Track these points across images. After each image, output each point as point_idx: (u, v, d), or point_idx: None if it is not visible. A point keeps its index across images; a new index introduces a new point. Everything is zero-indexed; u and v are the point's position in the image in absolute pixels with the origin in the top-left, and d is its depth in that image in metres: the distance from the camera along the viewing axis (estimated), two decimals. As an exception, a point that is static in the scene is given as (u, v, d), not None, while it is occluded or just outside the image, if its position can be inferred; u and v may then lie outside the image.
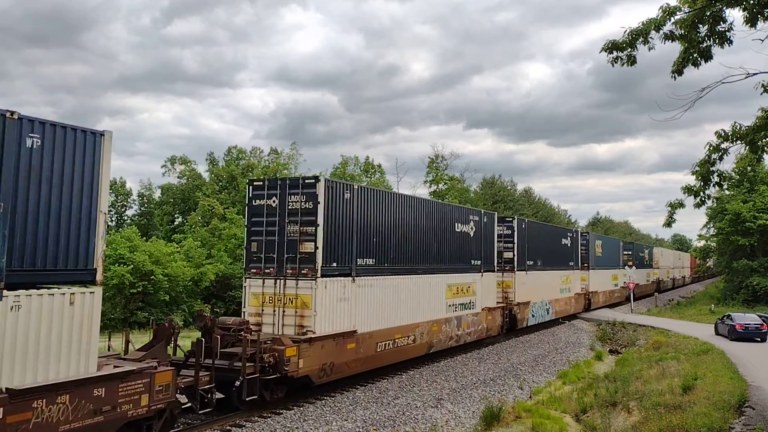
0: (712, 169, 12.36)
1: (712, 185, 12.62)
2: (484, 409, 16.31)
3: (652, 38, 11.23)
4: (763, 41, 11.13)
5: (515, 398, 19.09)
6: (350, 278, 17.57)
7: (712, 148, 12.25)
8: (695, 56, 11.52)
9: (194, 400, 13.31)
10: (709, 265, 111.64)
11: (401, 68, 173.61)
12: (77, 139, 10.69)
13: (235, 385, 14.14)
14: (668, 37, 11.32)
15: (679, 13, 11.05)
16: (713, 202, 16.18)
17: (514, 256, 31.50)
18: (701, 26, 11.16)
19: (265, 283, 16.78)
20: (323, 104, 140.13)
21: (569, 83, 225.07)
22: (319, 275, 16.17)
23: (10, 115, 9.55)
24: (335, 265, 16.95)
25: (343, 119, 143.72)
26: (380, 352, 19.00)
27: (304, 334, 15.96)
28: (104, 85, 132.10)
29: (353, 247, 17.70)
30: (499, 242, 29.63)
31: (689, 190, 12.63)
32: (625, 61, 11.50)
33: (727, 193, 53.99)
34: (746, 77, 11.38)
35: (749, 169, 50.65)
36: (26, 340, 9.52)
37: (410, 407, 16.66)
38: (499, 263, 29.53)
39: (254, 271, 17.04)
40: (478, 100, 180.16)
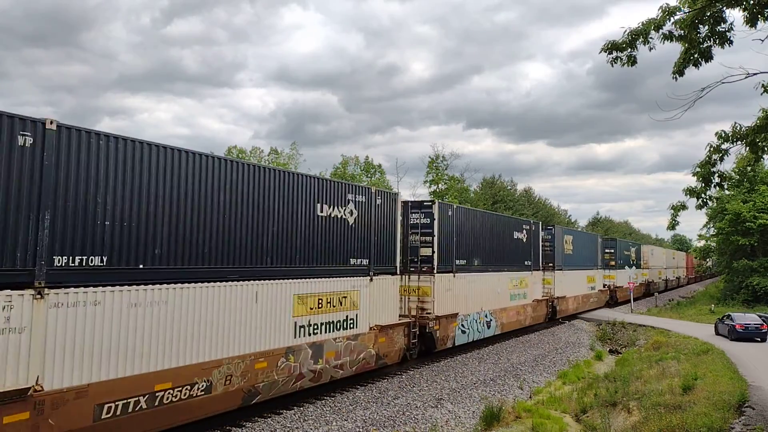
0: (712, 170, 12.37)
1: (713, 186, 12.63)
2: (484, 409, 16.31)
3: (652, 38, 11.25)
4: (763, 41, 11.14)
5: (515, 398, 19.09)
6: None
7: (712, 149, 12.27)
8: (696, 56, 11.53)
9: None
10: (708, 265, 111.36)
11: (401, 68, 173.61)
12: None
13: None
14: (668, 37, 11.33)
15: (679, 13, 11.07)
16: (714, 202, 16.18)
17: (434, 253, 22.95)
18: (701, 26, 11.17)
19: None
20: (323, 104, 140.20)
21: (569, 83, 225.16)
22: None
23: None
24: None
25: (342, 119, 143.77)
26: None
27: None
28: (104, 85, 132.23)
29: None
30: (414, 234, 23.02)
31: (691, 191, 12.64)
32: (625, 61, 11.51)
33: (727, 193, 54.00)
34: (746, 77, 11.40)
35: (749, 169, 50.65)
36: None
37: (410, 407, 16.66)
38: (414, 263, 22.96)
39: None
40: (477, 100, 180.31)
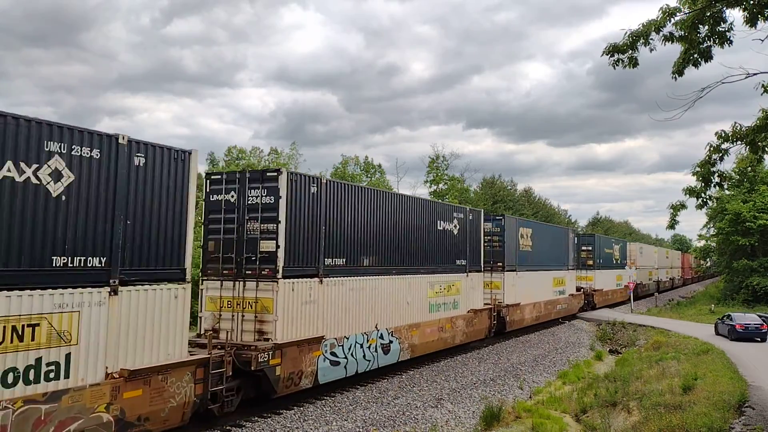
0: (712, 169, 12.38)
1: (713, 186, 12.63)
2: (484, 409, 16.32)
3: (652, 40, 11.26)
4: (763, 41, 11.15)
5: (515, 398, 19.10)
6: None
7: (712, 148, 12.27)
8: (695, 57, 11.55)
9: None
10: (707, 266, 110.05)
11: (401, 68, 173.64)
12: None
13: None
14: (668, 38, 11.35)
15: (679, 14, 11.08)
16: (714, 202, 16.19)
17: (278, 248, 15.39)
18: (701, 26, 11.18)
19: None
20: (323, 104, 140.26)
21: (569, 83, 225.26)
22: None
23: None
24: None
25: (342, 119, 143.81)
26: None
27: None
28: (104, 84, 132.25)
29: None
30: (251, 221, 15.82)
31: (691, 191, 12.65)
32: (626, 63, 11.53)
33: (727, 193, 54.00)
34: (746, 77, 11.40)
35: (749, 169, 50.67)
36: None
37: (410, 407, 16.67)
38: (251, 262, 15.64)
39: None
40: (477, 100, 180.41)
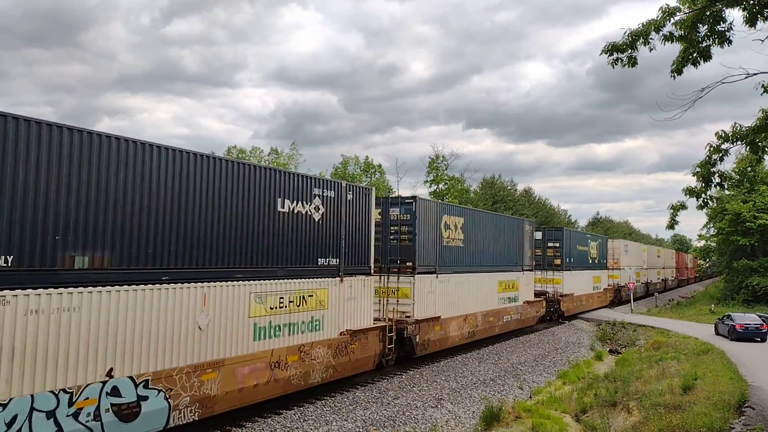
0: (712, 169, 12.38)
1: (713, 186, 12.64)
2: (484, 409, 16.31)
3: (652, 39, 11.26)
4: (763, 41, 11.15)
5: (515, 398, 19.09)
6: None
7: (712, 148, 12.28)
8: (695, 56, 11.55)
9: None
10: (706, 266, 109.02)
11: (401, 68, 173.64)
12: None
13: None
14: (668, 38, 11.35)
15: (679, 13, 11.08)
16: (714, 203, 16.21)
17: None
18: (701, 26, 11.19)
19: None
20: (323, 104, 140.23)
21: (569, 83, 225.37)
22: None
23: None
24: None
25: (342, 119, 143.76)
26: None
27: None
28: (103, 84, 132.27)
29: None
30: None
31: (691, 191, 12.65)
32: (626, 62, 11.53)
33: (727, 193, 53.97)
34: (746, 77, 11.41)
35: (749, 169, 50.67)
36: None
37: (410, 407, 16.66)
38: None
39: None
40: (477, 100, 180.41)
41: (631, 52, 11.43)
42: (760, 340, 30.06)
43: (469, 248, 25.71)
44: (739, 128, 11.93)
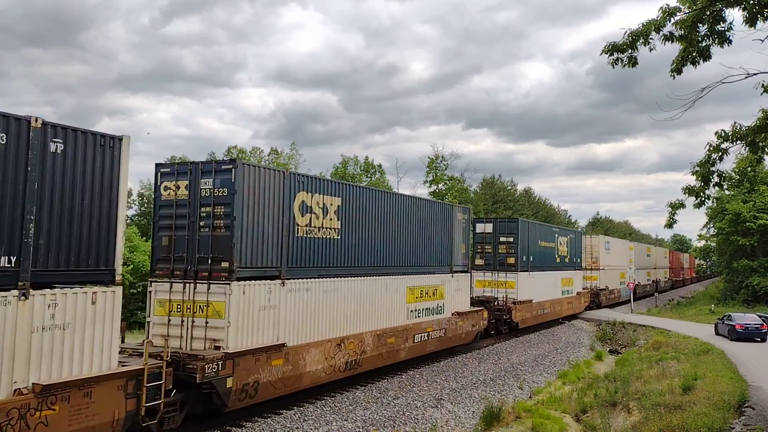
0: (712, 169, 12.39)
1: (712, 185, 12.65)
2: (484, 409, 16.31)
3: (652, 39, 11.26)
4: (763, 41, 11.15)
5: (515, 398, 19.10)
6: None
7: (712, 148, 12.28)
8: (694, 55, 11.55)
9: None
10: (704, 267, 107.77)
11: (401, 68, 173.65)
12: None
13: None
14: (668, 38, 11.35)
15: (679, 13, 11.08)
16: (713, 202, 16.21)
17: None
18: (701, 26, 11.19)
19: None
20: (322, 104, 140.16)
21: (569, 83, 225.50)
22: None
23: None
24: None
25: (342, 119, 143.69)
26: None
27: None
28: (103, 84, 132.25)
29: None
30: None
31: (690, 190, 12.66)
32: (626, 62, 11.54)
33: (727, 193, 53.99)
34: (746, 77, 11.41)
35: (749, 169, 50.66)
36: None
37: (410, 407, 16.66)
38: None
39: None
40: (477, 99, 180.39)
41: (631, 52, 11.44)
42: (760, 340, 30.07)
43: (350, 241, 18.22)
44: (739, 128, 11.94)
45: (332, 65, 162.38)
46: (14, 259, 9.53)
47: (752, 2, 10.71)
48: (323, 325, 16.85)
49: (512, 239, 31.78)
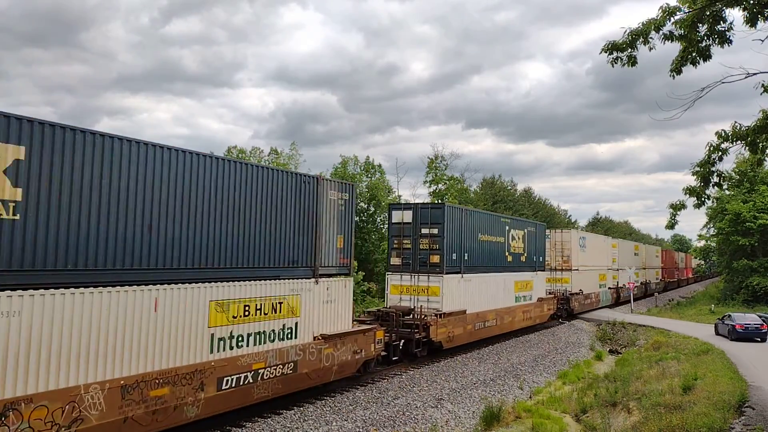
0: (712, 169, 12.38)
1: (712, 185, 12.64)
2: (484, 409, 16.31)
3: (652, 38, 11.26)
4: (763, 41, 11.15)
5: (515, 398, 19.09)
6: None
7: (712, 148, 12.27)
8: (694, 55, 11.55)
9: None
10: (703, 268, 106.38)
11: (401, 68, 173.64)
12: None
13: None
14: (668, 37, 11.35)
15: (679, 13, 11.08)
16: (713, 202, 16.21)
17: None
18: (701, 26, 11.19)
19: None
20: (322, 104, 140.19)
21: (568, 83, 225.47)
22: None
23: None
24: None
25: (342, 119, 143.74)
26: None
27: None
28: (103, 84, 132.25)
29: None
30: None
31: (690, 191, 12.65)
32: (625, 62, 11.53)
33: (727, 193, 53.96)
34: (746, 77, 11.40)
35: (749, 169, 50.66)
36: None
37: (410, 407, 16.66)
38: None
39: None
40: (477, 99, 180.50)
41: (631, 51, 11.43)
42: (760, 340, 30.06)
43: (47, 225, 10.41)
44: (739, 128, 11.93)
45: (332, 65, 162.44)
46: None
47: (752, 2, 10.70)
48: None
49: (437, 231, 24.25)
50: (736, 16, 45.66)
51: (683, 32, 11.16)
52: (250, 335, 14.46)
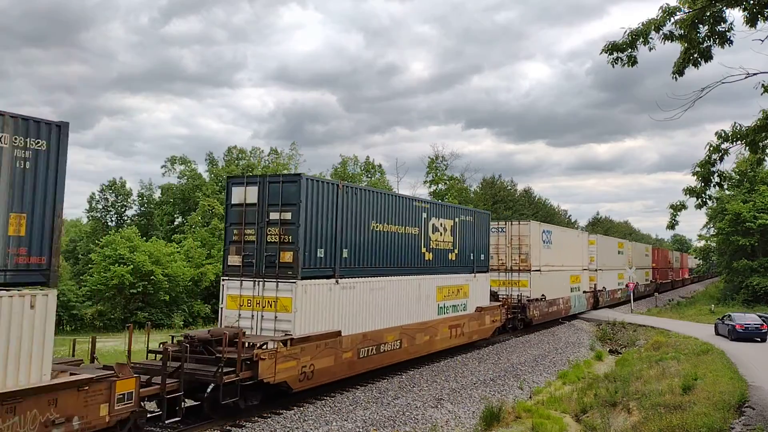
0: (712, 169, 12.38)
1: (712, 186, 12.64)
2: (484, 409, 16.32)
3: (652, 39, 11.25)
4: (763, 41, 11.15)
5: (515, 398, 19.10)
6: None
7: (712, 148, 12.27)
8: (695, 56, 11.54)
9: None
10: (703, 268, 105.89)
11: (401, 68, 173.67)
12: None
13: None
14: (668, 37, 11.34)
15: (679, 13, 11.07)
16: (713, 202, 16.23)
17: None
18: (701, 26, 11.18)
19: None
20: (322, 104, 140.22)
21: (568, 83, 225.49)
22: None
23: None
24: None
25: (342, 119, 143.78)
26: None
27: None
28: (103, 84, 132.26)
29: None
30: None
31: (691, 191, 12.66)
32: (625, 62, 11.53)
33: (727, 193, 53.96)
34: (746, 77, 11.40)
35: (749, 169, 50.60)
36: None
37: (410, 407, 16.66)
38: None
39: None
40: (477, 99, 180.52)
41: (631, 51, 11.42)
42: (760, 340, 30.06)
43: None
44: (739, 128, 11.93)
45: (332, 65, 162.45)
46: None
47: (752, 2, 10.70)
48: None
49: (290, 216, 16.48)
50: (736, 16, 45.66)
51: (683, 32, 11.16)
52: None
